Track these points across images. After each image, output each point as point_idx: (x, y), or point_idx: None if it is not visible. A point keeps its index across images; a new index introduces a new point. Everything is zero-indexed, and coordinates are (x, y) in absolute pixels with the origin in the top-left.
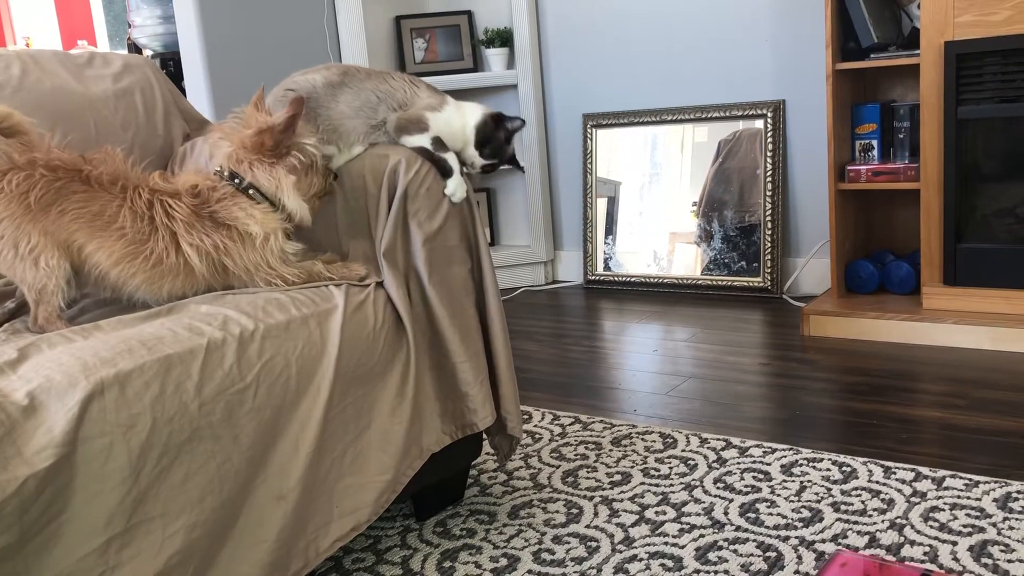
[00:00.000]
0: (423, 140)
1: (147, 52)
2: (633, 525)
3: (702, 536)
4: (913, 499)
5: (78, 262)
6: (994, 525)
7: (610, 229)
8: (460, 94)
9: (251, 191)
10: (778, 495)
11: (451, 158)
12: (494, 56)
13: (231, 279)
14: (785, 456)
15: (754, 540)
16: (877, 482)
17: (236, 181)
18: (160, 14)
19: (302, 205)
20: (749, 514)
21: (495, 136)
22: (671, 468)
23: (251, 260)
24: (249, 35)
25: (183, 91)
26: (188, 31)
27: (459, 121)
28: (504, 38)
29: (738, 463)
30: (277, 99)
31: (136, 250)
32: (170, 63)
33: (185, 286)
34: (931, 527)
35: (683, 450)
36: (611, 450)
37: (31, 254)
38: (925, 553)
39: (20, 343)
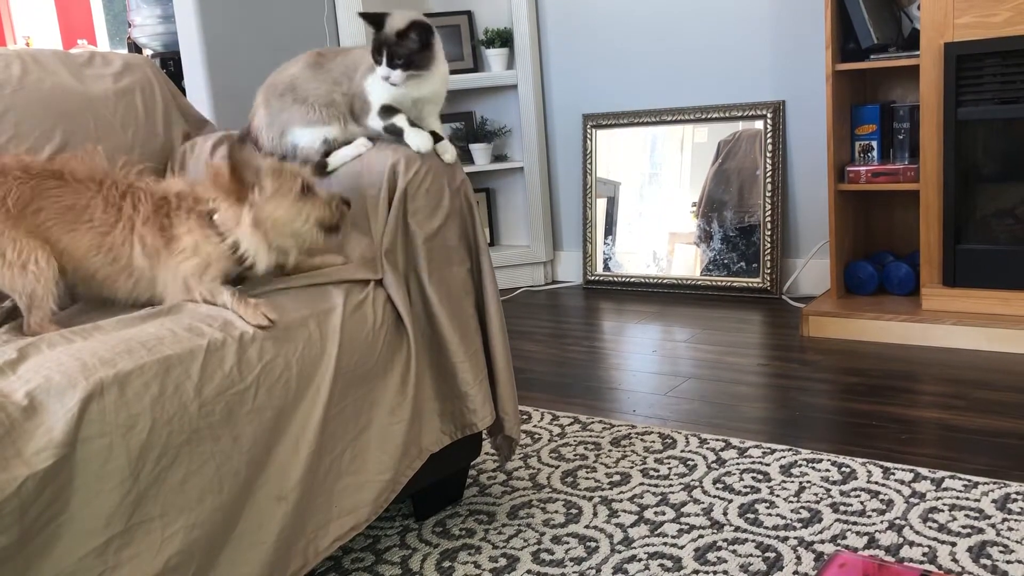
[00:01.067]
0: (375, 121)
1: (147, 52)
2: (632, 525)
3: (701, 536)
4: (912, 500)
5: (60, 260)
6: (993, 526)
7: (610, 229)
8: (460, 94)
9: (213, 217)
10: (777, 496)
11: (398, 119)
12: (494, 56)
13: (154, 287)
14: (784, 457)
15: (753, 541)
16: (876, 483)
17: (202, 206)
18: (160, 14)
19: (259, 245)
20: (748, 515)
21: (375, 43)
22: (670, 468)
23: (163, 273)
24: (249, 35)
25: (183, 91)
26: (188, 31)
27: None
28: (504, 38)
29: (737, 464)
30: (266, 94)
31: (100, 241)
32: (170, 63)
33: (136, 288)
34: (930, 528)
35: (682, 450)
36: (610, 450)
37: (18, 259)
38: (924, 554)
39: (20, 343)
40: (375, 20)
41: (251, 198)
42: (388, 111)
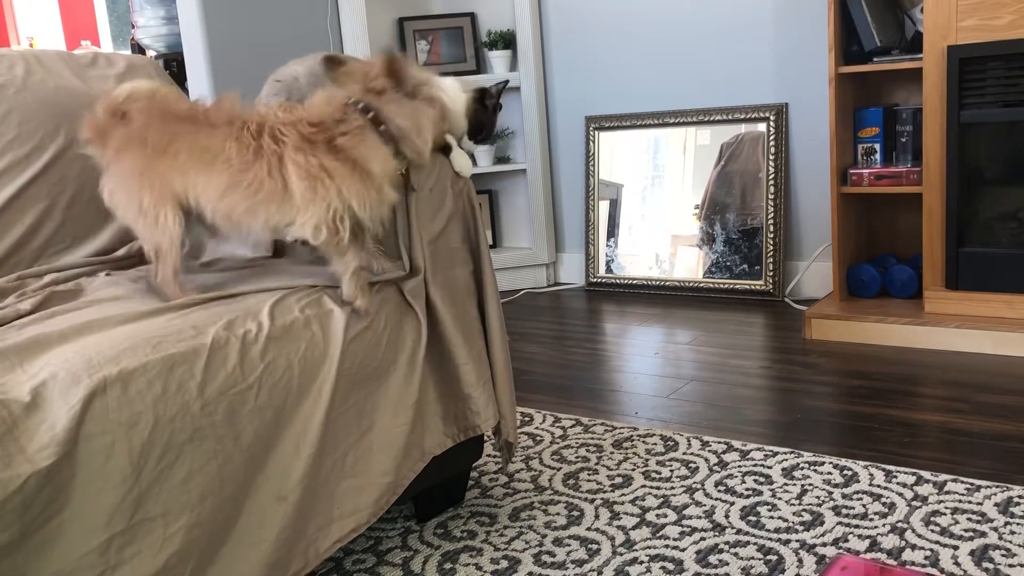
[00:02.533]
0: None
1: (150, 53)
2: (634, 528)
3: (703, 539)
4: (914, 503)
5: (191, 205)
6: (995, 529)
7: (612, 232)
8: None
9: (381, 128)
10: (779, 498)
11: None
12: (497, 58)
13: (323, 205)
14: (786, 459)
15: (755, 543)
16: (878, 486)
17: (369, 115)
18: (164, 15)
19: (428, 144)
20: (750, 517)
21: (485, 121)
22: (672, 471)
23: (356, 191)
24: (252, 36)
25: (186, 92)
26: (191, 32)
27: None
28: (507, 40)
29: (739, 466)
30: (267, 90)
31: (239, 178)
32: (173, 64)
33: (280, 213)
34: (932, 531)
35: (684, 453)
36: (612, 453)
37: (153, 210)
38: (926, 557)
39: (31, 334)
40: (499, 102)
41: (421, 96)
42: None
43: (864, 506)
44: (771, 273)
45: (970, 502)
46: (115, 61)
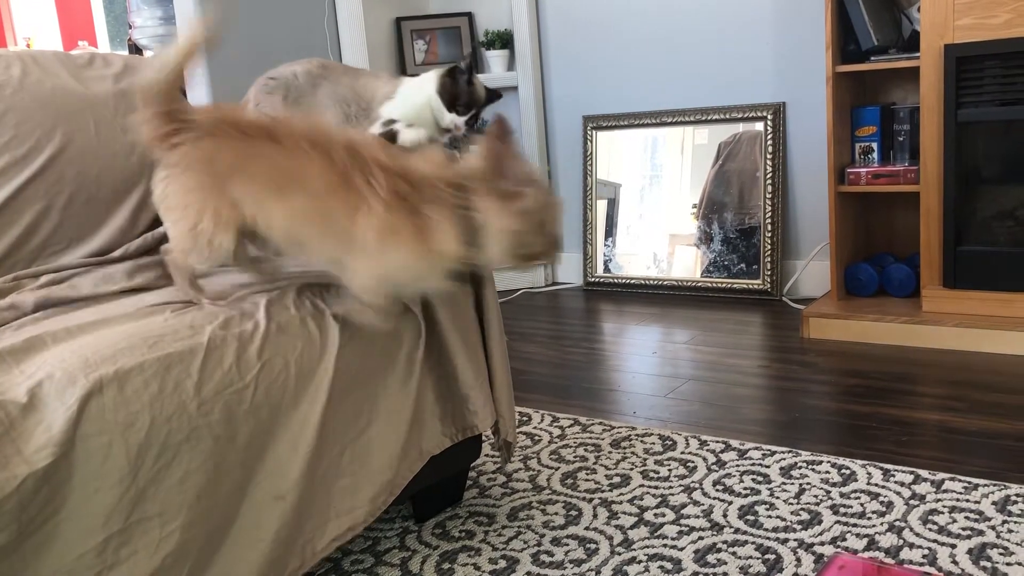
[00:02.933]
0: (375, 128)
1: (148, 53)
2: (632, 527)
3: (701, 538)
4: (912, 502)
5: (258, 228)
6: (993, 528)
7: (610, 231)
8: None
9: (467, 211)
10: (777, 497)
11: (397, 126)
12: (494, 58)
13: (380, 266)
14: (784, 458)
15: (753, 542)
16: (876, 485)
17: (462, 197)
18: (161, 15)
19: (500, 255)
20: (748, 516)
21: (458, 89)
22: (670, 470)
23: (415, 265)
24: (249, 37)
25: (183, 92)
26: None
27: (420, 96)
28: (504, 40)
29: (737, 465)
30: (260, 89)
31: (318, 204)
32: None
33: (344, 254)
34: (930, 530)
35: (682, 452)
36: (610, 452)
37: (209, 235)
38: (924, 556)
39: (28, 334)
40: (471, 70)
41: (518, 205)
42: (389, 123)
43: (862, 505)
44: (769, 272)
45: (968, 501)
46: (112, 61)
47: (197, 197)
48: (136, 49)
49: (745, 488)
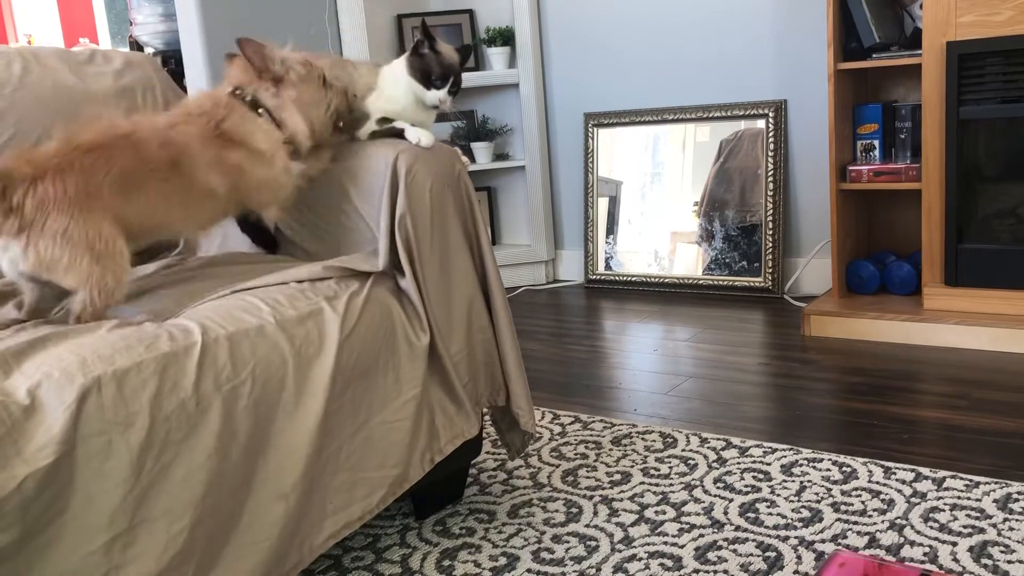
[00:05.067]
0: (371, 126)
1: (148, 50)
2: (633, 524)
3: (702, 536)
4: (913, 500)
5: (140, 225)
6: (994, 526)
7: (611, 228)
8: (461, 93)
9: (259, 109)
10: (778, 495)
11: (398, 123)
12: (496, 55)
13: (248, 199)
14: (785, 456)
15: (754, 540)
16: (877, 482)
17: (241, 95)
18: (161, 12)
19: (300, 123)
20: (749, 514)
21: (426, 62)
22: (671, 468)
23: (262, 177)
24: (251, 33)
25: (184, 89)
26: (189, 29)
27: (400, 85)
28: (506, 37)
29: (738, 463)
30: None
31: (167, 189)
32: (171, 61)
33: (214, 213)
34: (931, 528)
35: (683, 450)
36: (611, 449)
37: (110, 244)
38: (925, 554)
39: (27, 336)
40: (429, 36)
41: (287, 79)
42: (383, 120)
43: (863, 503)
44: (770, 270)
45: (969, 498)
46: (112, 58)
47: (73, 234)
48: (137, 46)
49: (746, 485)
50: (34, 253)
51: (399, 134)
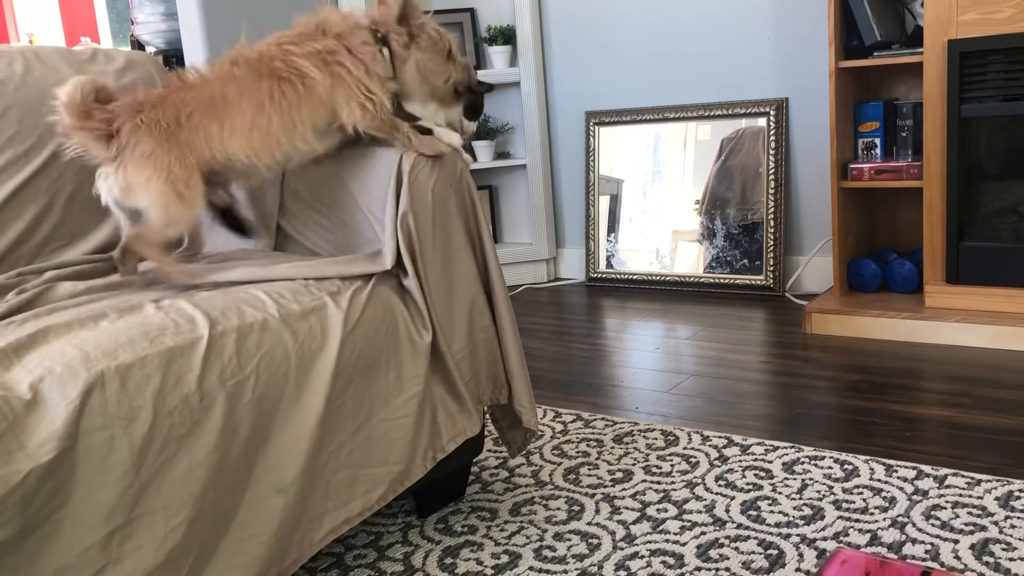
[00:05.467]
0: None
1: (150, 49)
2: (634, 522)
3: (703, 534)
4: (915, 497)
5: (224, 159)
6: (996, 524)
7: (612, 227)
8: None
9: (383, 49)
10: (780, 493)
11: (423, 122)
12: (497, 54)
13: (349, 85)
14: (787, 454)
15: (755, 538)
16: (879, 480)
17: (375, 29)
18: (163, 11)
19: (417, 84)
20: (750, 512)
21: (477, 104)
22: (673, 465)
23: (363, 81)
24: (252, 32)
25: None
26: (191, 28)
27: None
28: (507, 36)
29: (740, 461)
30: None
31: (258, 99)
32: (173, 60)
33: (314, 113)
34: (933, 525)
35: (685, 448)
36: (613, 447)
37: (184, 181)
38: (926, 551)
39: (29, 329)
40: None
41: (418, 40)
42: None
43: (864, 500)
44: (771, 268)
45: (971, 496)
46: (114, 57)
47: (157, 157)
48: (139, 45)
49: (747, 483)
50: (122, 175)
51: (427, 133)
